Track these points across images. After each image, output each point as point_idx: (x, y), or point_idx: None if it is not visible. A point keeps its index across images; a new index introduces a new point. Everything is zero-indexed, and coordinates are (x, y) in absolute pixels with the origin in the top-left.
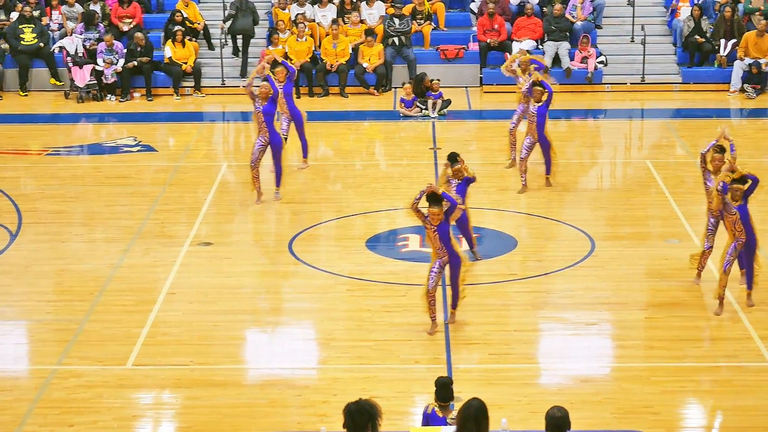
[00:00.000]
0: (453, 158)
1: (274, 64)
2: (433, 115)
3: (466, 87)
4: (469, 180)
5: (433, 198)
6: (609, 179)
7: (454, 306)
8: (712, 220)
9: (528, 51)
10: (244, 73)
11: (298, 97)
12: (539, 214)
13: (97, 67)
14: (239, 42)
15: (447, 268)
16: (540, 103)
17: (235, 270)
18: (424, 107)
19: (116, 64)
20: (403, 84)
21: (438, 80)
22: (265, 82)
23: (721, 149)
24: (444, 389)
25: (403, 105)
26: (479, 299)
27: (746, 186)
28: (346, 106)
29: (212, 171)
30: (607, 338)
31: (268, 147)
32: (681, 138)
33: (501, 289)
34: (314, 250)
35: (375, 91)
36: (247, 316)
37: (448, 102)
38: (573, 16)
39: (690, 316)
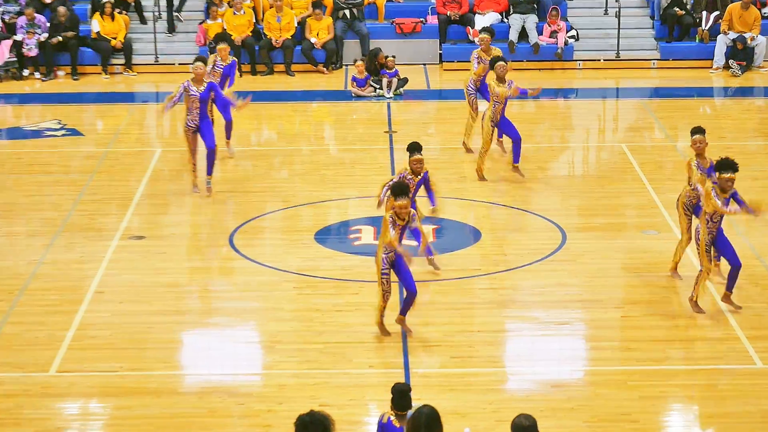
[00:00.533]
0: (415, 148)
1: (218, 38)
2: (388, 95)
3: (424, 64)
4: (426, 180)
5: (400, 188)
6: (581, 165)
7: (403, 313)
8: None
9: (487, 31)
10: (171, 29)
11: (240, 76)
12: (505, 204)
13: (17, 38)
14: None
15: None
16: (503, 85)
17: (171, 266)
18: (378, 86)
19: (39, 35)
20: (355, 61)
21: (393, 57)
22: (199, 63)
23: (701, 129)
24: (401, 396)
25: (355, 84)
26: (440, 297)
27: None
28: (293, 85)
29: (145, 157)
30: (579, 339)
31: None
32: (660, 120)
33: (463, 286)
34: (258, 243)
35: (324, 69)
36: (184, 317)
37: (404, 81)
38: None
39: (670, 315)
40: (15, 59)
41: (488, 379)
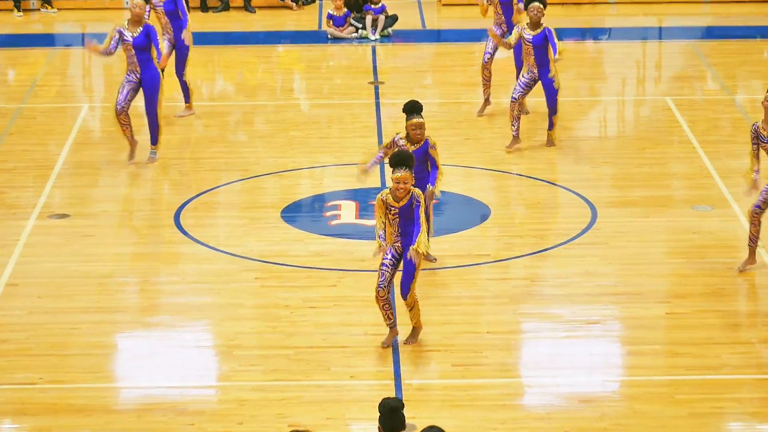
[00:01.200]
0: (414, 109)
1: None
2: (373, 37)
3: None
4: (428, 148)
5: (400, 157)
6: (616, 124)
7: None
8: None
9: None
10: None
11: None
12: (520, 173)
13: None
14: None
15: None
16: (538, 31)
17: (101, 252)
18: (360, 26)
19: None
20: None
21: None
22: (139, 1)
23: None
24: (391, 415)
25: (331, 23)
26: (438, 289)
27: None
28: (254, 24)
29: (68, 115)
30: (614, 342)
31: (140, 88)
32: (713, 67)
33: (468, 276)
34: (210, 223)
35: (293, 3)
36: (118, 315)
37: (393, 19)
38: None
39: (728, 312)
40: None
41: (499, 392)
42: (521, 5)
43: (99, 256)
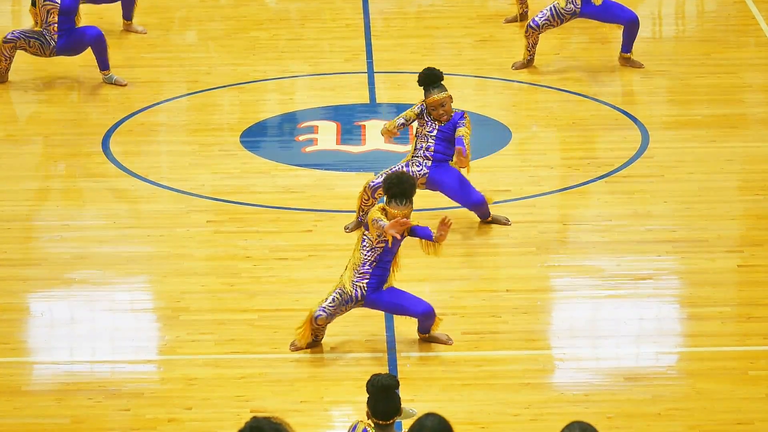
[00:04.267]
0: (433, 79)
1: None
2: None
3: None
4: (459, 120)
5: (400, 184)
6: (672, 20)
7: (426, 330)
8: None
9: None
10: None
11: None
12: (548, 85)
13: None
14: None
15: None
16: None
17: (6, 188)
18: None
19: None
20: None
21: None
22: None
23: None
24: (383, 396)
25: None
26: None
27: None
28: None
29: None
30: (670, 303)
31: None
32: None
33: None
34: (148, 150)
35: None
36: (31, 270)
37: None
38: None
39: None
40: None
41: (522, 367)
42: None
43: (5, 194)
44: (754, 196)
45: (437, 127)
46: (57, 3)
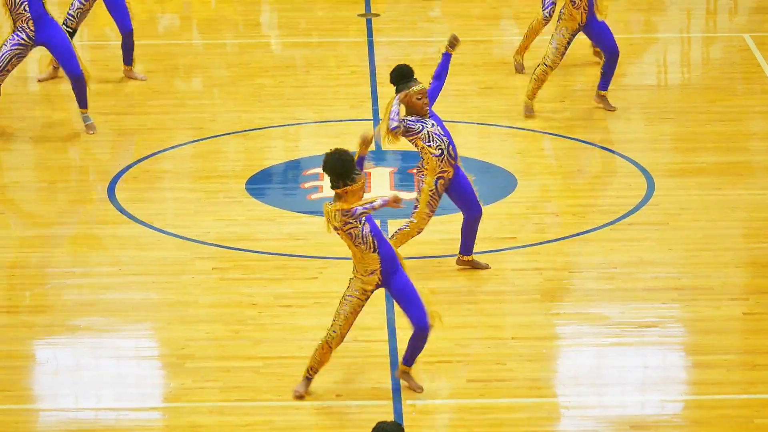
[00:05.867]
0: (407, 74)
1: None
2: None
3: None
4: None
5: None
6: (678, 68)
7: (409, 362)
8: None
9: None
10: None
11: None
12: (554, 132)
13: None
14: None
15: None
16: None
17: (13, 235)
18: None
19: None
20: None
21: None
22: None
23: None
24: None
25: None
26: (450, 282)
27: None
28: None
29: None
30: (675, 351)
31: (32, 50)
32: None
33: (490, 265)
34: (154, 197)
35: None
36: (36, 317)
37: None
38: None
39: None
40: None
41: (528, 415)
42: None
43: (10, 241)
44: (759, 243)
45: (433, 121)
46: None
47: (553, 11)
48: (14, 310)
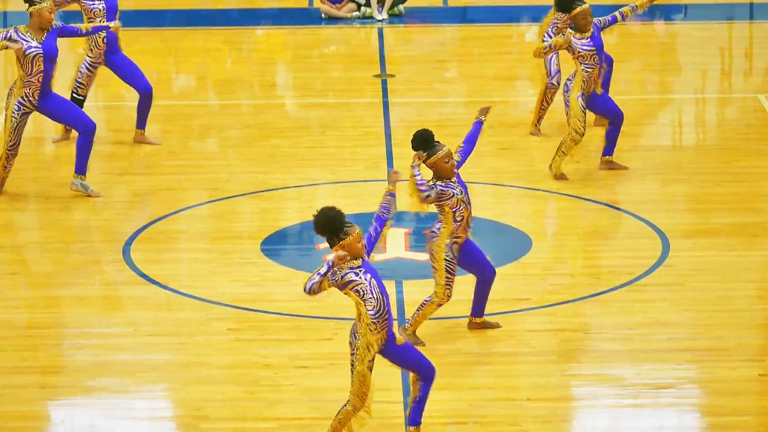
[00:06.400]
0: (430, 140)
1: None
2: (379, 17)
3: None
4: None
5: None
6: (693, 129)
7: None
8: None
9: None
10: None
11: None
12: (568, 193)
13: None
14: None
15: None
16: (586, 36)
17: (28, 295)
18: (363, 2)
19: None
20: None
21: None
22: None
23: None
24: None
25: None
26: (464, 343)
27: None
28: (225, 1)
29: None
30: (690, 413)
31: (36, 113)
32: None
33: (503, 326)
34: (169, 258)
35: None
36: (51, 378)
37: None
38: None
39: None
40: None
41: None
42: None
43: (25, 301)
44: None
45: (461, 188)
46: (39, 49)
47: (560, 79)
48: (29, 371)
